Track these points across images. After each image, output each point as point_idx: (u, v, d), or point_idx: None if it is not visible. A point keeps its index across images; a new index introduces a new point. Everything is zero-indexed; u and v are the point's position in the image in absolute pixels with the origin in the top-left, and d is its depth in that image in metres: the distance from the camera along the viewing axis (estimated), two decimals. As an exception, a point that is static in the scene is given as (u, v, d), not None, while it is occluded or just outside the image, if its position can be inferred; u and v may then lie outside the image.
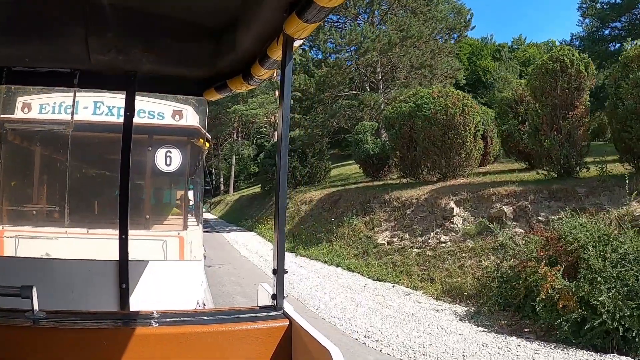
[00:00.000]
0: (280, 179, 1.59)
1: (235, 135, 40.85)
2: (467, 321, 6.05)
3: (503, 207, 8.10)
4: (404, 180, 12.78)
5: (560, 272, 5.48)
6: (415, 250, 8.86)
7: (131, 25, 1.71)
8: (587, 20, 28.06)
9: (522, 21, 77.92)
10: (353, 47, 17.34)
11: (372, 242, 9.74)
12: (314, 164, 20.61)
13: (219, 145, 39.39)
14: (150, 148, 4.04)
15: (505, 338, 5.29)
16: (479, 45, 46.46)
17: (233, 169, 40.85)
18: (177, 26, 1.73)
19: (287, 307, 1.57)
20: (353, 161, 25.99)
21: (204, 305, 4.09)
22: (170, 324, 1.44)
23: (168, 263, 3.55)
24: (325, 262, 10.13)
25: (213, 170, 40.78)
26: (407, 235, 9.37)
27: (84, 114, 3.93)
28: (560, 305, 5.45)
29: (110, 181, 4.20)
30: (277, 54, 1.64)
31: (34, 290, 1.32)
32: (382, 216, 10.38)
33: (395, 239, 9.48)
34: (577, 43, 27.95)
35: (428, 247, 8.48)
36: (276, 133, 9.00)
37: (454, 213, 8.70)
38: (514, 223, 7.71)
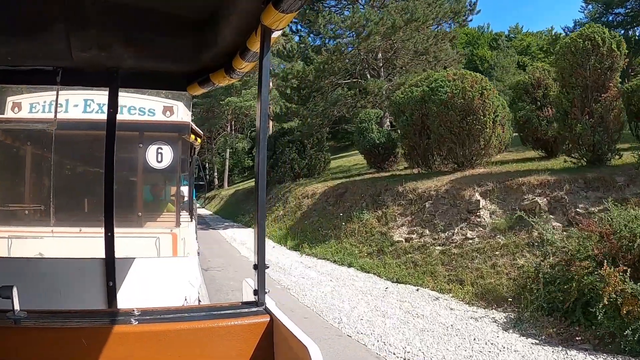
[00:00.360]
0: (259, 173, 1.59)
1: (228, 128, 39.66)
2: (511, 330, 5.23)
3: (536, 198, 7.28)
4: (414, 171, 11.94)
5: (628, 273, 4.69)
6: (438, 247, 8.03)
7: (112, 20, 1.68)
8: (590, 6, 27.40)
9: (519, 10, 77.15)
10: (354, 32, 16.36)
11: (387, 239, 8.89)
12: (313, 155, 19.67)
13: (212, 139, 38.23)
14: (141, 145, 4.02)
15: (566, 353, 4.48)
16: (476, 34, 45.76)
17: (227, 163, 39.72)
18: (158, 21, 1.70)
19: (269, 303, 1.57)
20: (351, 153, 25.14)
21: (199, 301, 4.07)
22: (151, 322, 1.44)
23: (155, 260, 3.53)
24: (334, 261, 9.26)
25: (207, 165, 39.69)
26: (427, 231, 8.53)
27: (75, 112, 3.92)
28: (624, 311, 4.68)
29: (101, 179, 3.92)
30: (256, 46, 1.63)
31: (14, 290, 1.32)
32: (396, 210, 9.52)
33: (414, 236, 8.63)
34: (579, 29, 27.26)
35: (453, 244, 7.64)
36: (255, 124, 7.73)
37: (480, 206, 7.86)
38: (550, 216, 6.90)
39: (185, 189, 4.97)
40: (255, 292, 1.59)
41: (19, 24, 1.65)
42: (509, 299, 6.03)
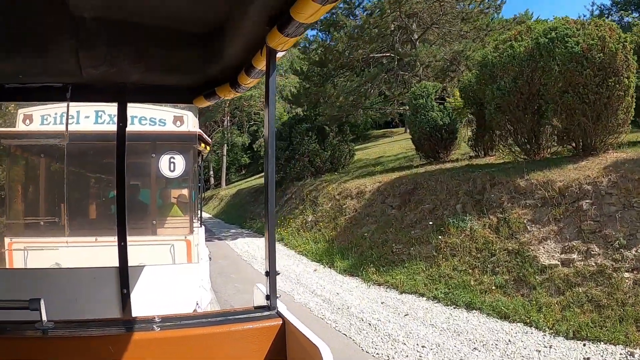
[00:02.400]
0: (269, 183, 1.65)
1: (226, 122, 35.94)
2: None
3: None
4: (506, 158, 8.66)
5: None
6: (626, 274, 4.78)
7: (120, 37, 1.70)
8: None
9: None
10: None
11: (527, 262, 5.55)
12: (337, 146, 16.28)
13: (208, 135, 34.51)
14: (154, 155, 4.16)
15: None
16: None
17: (225, 160, 36.00)
18: (166, 36, 1.73)
19: (281, 307, 1.63)
20: (367, 145, 21.75)
21: (211, 304, 4.37)
22: (171, 328, 1.51)
23: (167, 267, 3.45)
24: (436, 299, 5.87)
25: (201, 162, 35.84)
26: (596, 248, 5.22)
27: (86, 124, 4.05)
28: None
29: (112, 189, 4.34)
30: (262, 65, 1.67)
31: (42, 302, 1.36)
32: (522, 214, 6.19)
33: (574, 255, 5.31)
34: (598, 13, 25.61)
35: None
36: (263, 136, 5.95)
37: None
38: None
39: (194, 196, 4.95)
40: (268, 297, 1.63)
41: (30, 42, 1.67)
42: None
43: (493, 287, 5.56)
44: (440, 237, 6.82)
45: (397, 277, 6.73)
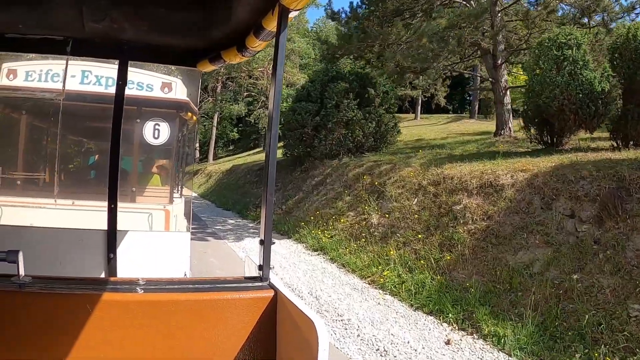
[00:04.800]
0: (271, 151, 1.57)
1: (219, 88, 30.90)
2: None
3: None
4: None
5: None
6: None
7: None
8: None
9: None
10: None
11: None
12: (382, 116, 12.10)
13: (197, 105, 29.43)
14: (138, 120, 4.03)
15: None
16: None
17: (214, 132, 31.05)
18: None
19: (273, 278, 1.56)
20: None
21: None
22: (155, 291, 1.45)
23: (156, 234, 3.56)
24: None
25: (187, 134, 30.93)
26: None
27: (72, 83, 3.92)
28: None
29: (96, 151, 4.48)
30: (272, 25, 1.60)
31: (20, 255, 1.33)
32: None
33: None
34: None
35: None
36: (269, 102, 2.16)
37: None
38: None
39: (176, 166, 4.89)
40: (260, 268, 1.57)
41: None
42: None
43: None
44: None
45: None
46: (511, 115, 13.64)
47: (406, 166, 8.22)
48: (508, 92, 13.21)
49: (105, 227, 2.10)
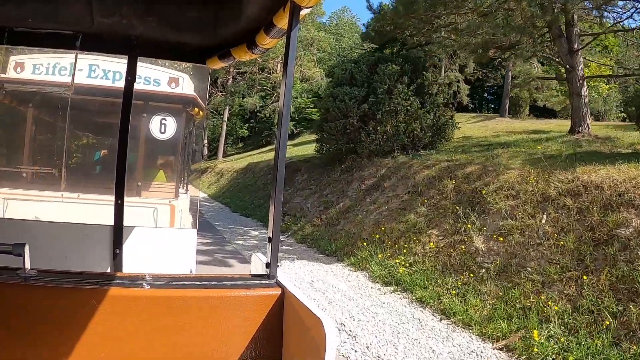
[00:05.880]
0: (280, 146, 1.54)
1: (230, 81, 28.83)
2: None
3: None
4: None
5: None
6: None
7: None
8: None
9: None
10: None
11: None
12: (440, 109, 9.92)
13: (205, 98, 27.42)
14: (145, 115, 4.04)
15: None
16: None
17: (224, 128, 28.94)
18: None
19: (281, 276, 1.54)
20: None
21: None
22: (162, 287, 1.45)
23: (163, 230, 3.48)
24: None
25: (193, 130, 28.92)
26: None
27: (79, 77, 3.94)
28: None
29: (102, 146, 4.52)
30: (283, 23, 1.57)
31: (27, 248, 1.31)
32: None
33: None
34: None
35: None
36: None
37: None
38: None
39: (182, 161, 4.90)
40: (267, 265, 1.55)
41: None
42: None
43: None
44: None
45: None
46: (589, 111, 11.44)
47: (506, 168, 6.02)
48: (585, 83, 11.04)
49: (111, 222, 2.12)
